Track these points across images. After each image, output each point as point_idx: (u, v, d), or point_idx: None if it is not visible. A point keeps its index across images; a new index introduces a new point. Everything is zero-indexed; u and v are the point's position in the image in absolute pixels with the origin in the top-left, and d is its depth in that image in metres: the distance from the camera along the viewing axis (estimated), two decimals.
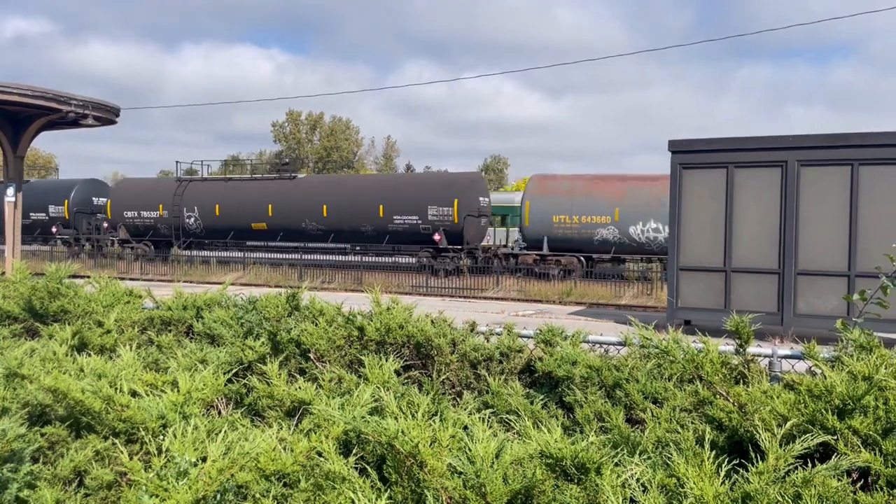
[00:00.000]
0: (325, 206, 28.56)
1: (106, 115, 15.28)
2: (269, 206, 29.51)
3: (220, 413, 3.93)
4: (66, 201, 35.01)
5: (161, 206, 31.55)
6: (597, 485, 2.58)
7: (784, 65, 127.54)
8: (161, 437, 3.17)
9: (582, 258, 25.64)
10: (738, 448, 3.08)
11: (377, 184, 30.54)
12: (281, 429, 3.25)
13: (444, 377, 4.37)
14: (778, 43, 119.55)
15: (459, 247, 26.68)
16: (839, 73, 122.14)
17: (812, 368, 3.80)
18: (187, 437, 2.82)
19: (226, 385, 3.92)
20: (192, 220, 31.24)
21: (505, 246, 28.10)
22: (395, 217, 27.52)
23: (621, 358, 4.30)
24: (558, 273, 24.62)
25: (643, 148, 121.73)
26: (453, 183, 28.21)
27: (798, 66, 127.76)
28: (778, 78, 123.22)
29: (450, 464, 2.72)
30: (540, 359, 4.33)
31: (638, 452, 2.97)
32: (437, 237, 26.76)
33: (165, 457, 2.69)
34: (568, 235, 25.67)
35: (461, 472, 2.68)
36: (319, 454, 2.88)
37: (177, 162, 35.80)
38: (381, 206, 27.60)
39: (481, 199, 28.18)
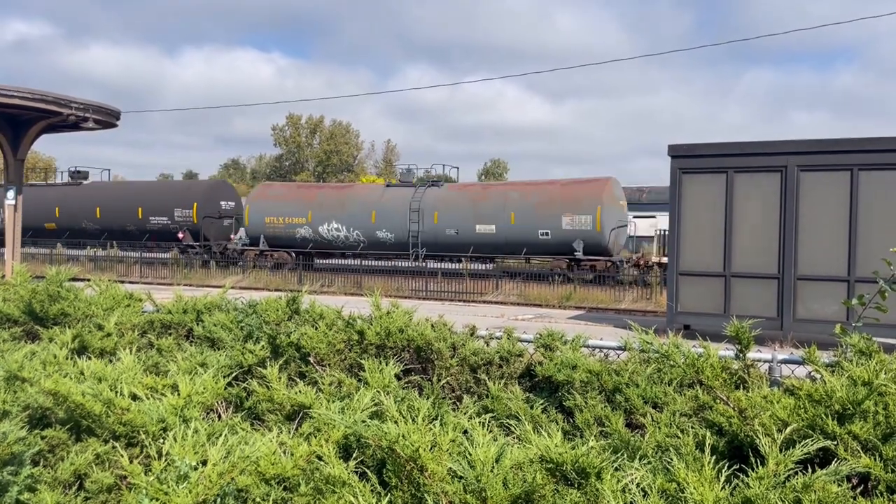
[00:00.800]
0: (98, 209, 34.07)
1: (106, 119, 15.30)
2: (57, 208, 34.71)
3: (220, 417, 3.93)
4: None
5: None
6: (597, 489, 2.58)
7: (787, 70, 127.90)
8: (161, 440, 3.17)
9: (293, 253, 30.27)
10: (738, 453, 3.08)
11: (137, 189, 35.69)
12: (281, 433, 3.25)
13: (444, 381, 4.37)
14: (781, 48, 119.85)
15: (198, 243, 32.10)
16: (842, 78, 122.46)
17: (812, 373, 3.81)
18: (187, 441, 2.82)
19: (226, 389, 3.92)
20: None
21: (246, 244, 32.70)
22: (151, 218, 33.22)
23: (621, 362, 4.30)
24: (272, 265, 29.20)
25: (645, 152, 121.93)
26: (194, 189, 34.40)
27: (801, 70, 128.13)
28: (781, 83, 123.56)
29: (450, 468, 2.72)
30: (540, 363, 4.33)
31: (638, 457, 2.97)
32: (180, 235, 32.30)
33: (166, 460, 2.69)
34: (277, 234, 30.64)
35: (461, 477, 2.68)
36: (319, 458, 2.88)
37: None
38: (139, 209, 33.43)
39: (223, 202, 33.67)
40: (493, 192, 28.59)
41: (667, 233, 24.75)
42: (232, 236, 33.21)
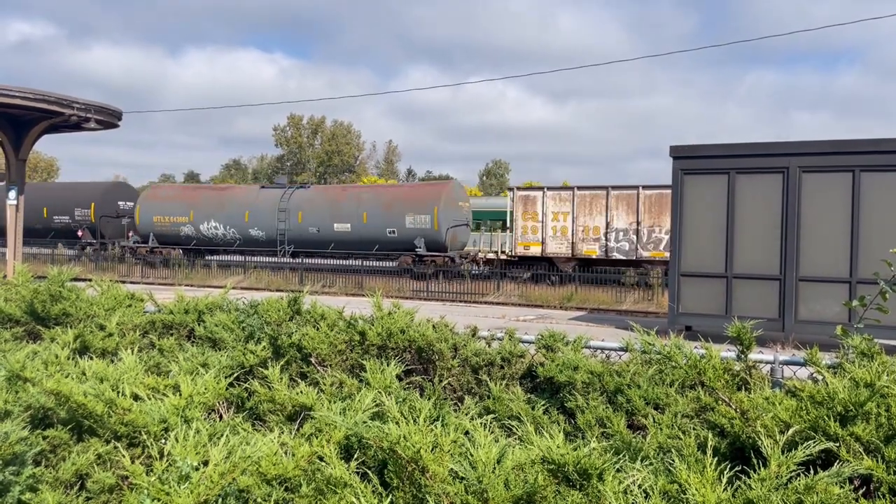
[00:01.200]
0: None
1: (108, 119, 15.31)
2: None
3: (221, 417, 3.93)
4: None
5: None
6: (599, 491, 2.57)
7: (789, 71, 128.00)
8: (163, 440, 3.17)
9: (180, 250, 33.20)
10: (740, 454, 3.07)
11: (42, 190, 38.09)
12: (282, 433, 3.25)
13: (445, 382, 4.37)
14: (783, 49, 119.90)
15: (95, 241, 35.56)
16: (845, 79, 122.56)
17: (814, 375, 3.80)
18: (189, 441, 2.82)
19: (227, 389, 3.92)
20: None
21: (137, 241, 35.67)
22: (54, 217, 36.32)
23: (623, 363, 4.29)
24: (160, 260, 32.07)
25: (647, 153, 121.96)
26: (92, 190, 37.24)
27: (804, 71, 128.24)
28: (783, 84, 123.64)
29: (451, 469, 2.72)
30: (541, 364, 4.33)
31: (640, 458, 2.97)
32: (80, 233, 35.75)
33: (167, 460, 2.69)
34: (164, 232, 33.58)
35: (463, 478, 2.67)
36: (321, 459, 2.88)
37: None
38: (44, 209, 36.17)
39: (121, 203, 36.88)
40: (350, 194, 31.90)
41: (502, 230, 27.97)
42: (130, 234, 36.02)
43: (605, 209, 25.74)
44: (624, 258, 25.52)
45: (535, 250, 26.69)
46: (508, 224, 27.64)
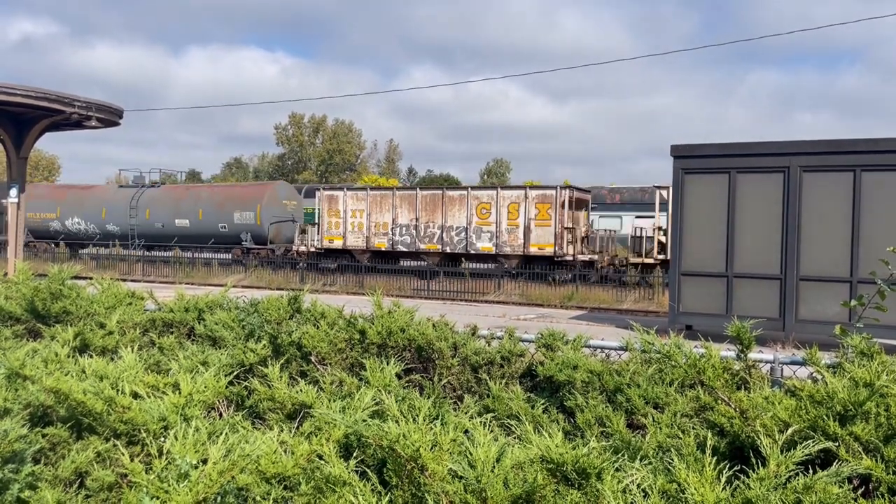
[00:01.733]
0: None
1: (109, 117, 15.30)
2: None
3: (220, 415, 3.94)
4: None
5: None
6: (598, 490, 2.57)
7: (791, 70, 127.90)
8: (162, 438, 3.17)
9: (52, 244, 36.67)
10: (739, 454, 3.07)
11: None
12: (282, 431, 3.25)
13: (445, 381, 4.37)
14: (785, 49, 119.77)
15: None
16: (846, 79, 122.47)
17: (813, 374, 3.80)
18: (188, 439, 2.82)
19: (227, 387, 3.92)
20: None
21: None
22: None
23: (622, 363, 4.29)
24: (35, 254, 33.83)
25: (647, 153, 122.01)
26: None
27: (805, 71, 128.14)
28: (785, 84, 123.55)
29: (450, 468, 2.72)
30: (541, 363, 4.33)
31: (639, 458, 2.97)
32: None
33: (166, 458, 2.69)
34: (35, 227, 36.93)
35: (462, 477, 2.67)
36: (320, 457, 2.88)
37: None
38: None
39: (3, 200, 40.90)
40: (190, 193, 35.44)
41: (311, 226, 30.19)
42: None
43: (391, 207, 28.92)
44: (406, 250, 28.79)
45: (338, 243, 29.93)
46: (316, 220, 30.40)
